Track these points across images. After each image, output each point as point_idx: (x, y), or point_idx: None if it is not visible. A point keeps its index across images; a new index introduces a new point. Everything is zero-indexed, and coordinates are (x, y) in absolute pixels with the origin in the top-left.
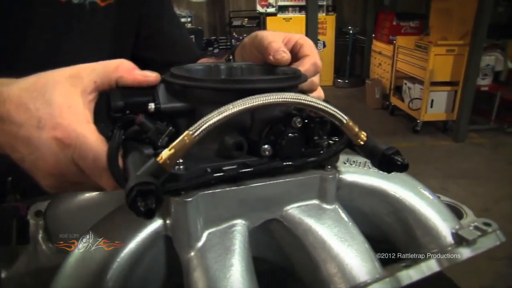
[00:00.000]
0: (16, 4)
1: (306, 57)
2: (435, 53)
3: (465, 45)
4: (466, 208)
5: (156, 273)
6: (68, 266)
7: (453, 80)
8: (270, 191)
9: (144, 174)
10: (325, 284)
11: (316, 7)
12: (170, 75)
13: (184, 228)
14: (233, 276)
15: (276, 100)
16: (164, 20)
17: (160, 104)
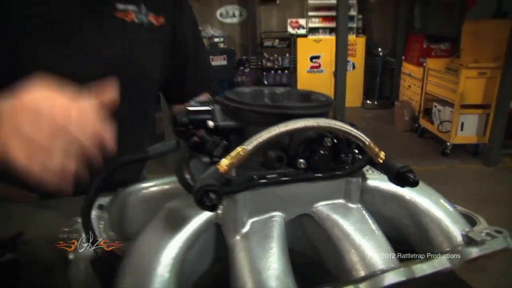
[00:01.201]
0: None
1: None
2: (466, 76)
3: (498, 68)
4: (480, 218)
5: (205, 256)
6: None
7: (485, 103)
8: (303, 191)
9: (208, 177)
10: (348, 271)
11: (346, 29)
12: (224, 98)
13: (232, 217)
14: (271, 257)
15: (311, 125)
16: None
17: (218, 122)
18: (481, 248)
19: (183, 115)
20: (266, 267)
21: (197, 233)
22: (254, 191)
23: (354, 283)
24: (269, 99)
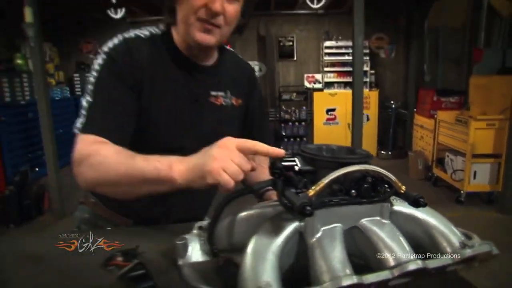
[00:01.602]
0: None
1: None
2: (475, 127)
3: (505, 120)
4: (474, 235)
5: (291, 252)
6: (250, 249)
7: (496, 152)
8: (354, 211)
9: (303, 198)
10: (383, 263)
11: (361, 84)
12: (302, 151)
13: (311, 227)
14: (335, 251)
15: (361, 169)
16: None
17: (300, 167)
18: (472, 250)
19: (279, 163)
20: (333, 256)
21: (288, 238)
22: (325, 209)
23: (390, 269)
24: (327, 152)
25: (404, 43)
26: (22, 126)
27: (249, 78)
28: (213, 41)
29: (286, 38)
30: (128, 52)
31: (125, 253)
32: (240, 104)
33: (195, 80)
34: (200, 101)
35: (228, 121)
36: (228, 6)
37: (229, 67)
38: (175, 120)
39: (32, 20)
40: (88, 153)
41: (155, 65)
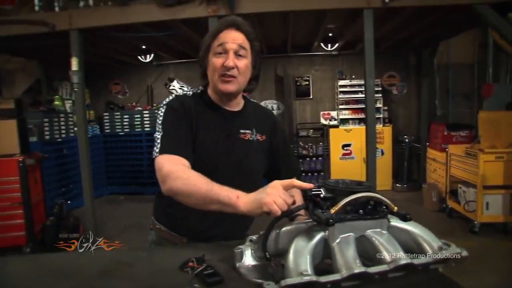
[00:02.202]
0: (228, 139)
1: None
2: (484, 160)
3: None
4: (452, 244)
5: (319, 253)
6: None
7: (507, 183)
8: (362, 224)
9: (328, 215)
10: (382, 260)
11: (373, 121)
12: (325, 184)
13: (333, 235)
14: (349, 251)
15: (365, 195)
16: (282, 154)
17: (325, 195)
18: (447, 251)
19: (310, 192)
20: (348, 255)
21: (317, 242)
22: (342, 223)
23: (387, 263)
24: (343, 185)
25: (415, 80)
26: (58, 161)
27: (271, 120)
28: (232, 88)
29: (303, 78)
30: (181, 103)
31: (196, 259)
32: (264, 140)
33: (226, 121)
34: (232, 136)
35: (254, 151)
36: (238, 62)
37: (253, 112)
38: (213, 149)
39: (77, 68)
40: (177, 169)
41: (198, 113)
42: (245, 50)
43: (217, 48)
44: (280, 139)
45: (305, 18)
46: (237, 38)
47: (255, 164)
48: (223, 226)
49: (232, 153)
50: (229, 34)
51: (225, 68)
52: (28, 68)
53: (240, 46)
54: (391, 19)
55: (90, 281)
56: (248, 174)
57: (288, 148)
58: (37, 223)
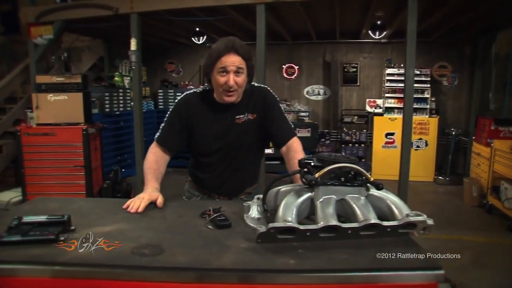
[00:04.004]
0: (225, 125)
1: None
2: None
3: None
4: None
5: (305, 209)
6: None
7: None
8: (343, 189)
9: (312, 178)
10: (358, 220)
11: (411, 111)
12: (317, 155)
13: (317, 195)
14: (330, 209)
15: (346, 165)
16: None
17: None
18: (413, 218)
19: (303, 160)
20: (328, 212)
21: (305, 200)
22: (326, 186)
23: (360, 222)
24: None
25: (469, 71)
26: (115, 132)
27: (261, 97)
28: (234, 99)
29: (351, 65)
30: (185, 103)
31: (213, 209)
32: (255, 117)
33: (224, 112)
34: (229, 122)
35: (246, 129)
36: (237, 79)
37: (248, 97)
38: (214, 134)
39: (136, 48)
40: (150, 152)
41: (203, 105)
42: (242, 68)
43: (220, 68)
44: (270, 109)
45: (350, 6)
46: (235, 61)
47: (248, 139)
48: (229, 185)
49: (229, 135)
50: (229, 58)
51: (228, 86)
52: (93, 47)
53: (238, 67)
54: (441, 7)
55: (128, 218)
56: (245, 148)
57: (279, 115)
58: (95, 185)
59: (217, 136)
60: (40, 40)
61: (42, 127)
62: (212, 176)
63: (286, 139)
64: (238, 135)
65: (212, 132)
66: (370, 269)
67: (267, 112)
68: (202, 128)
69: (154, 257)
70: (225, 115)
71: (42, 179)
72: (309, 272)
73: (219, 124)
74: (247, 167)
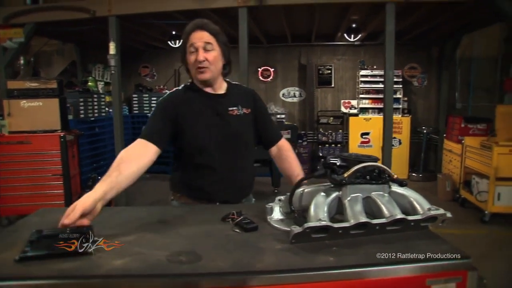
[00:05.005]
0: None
1: None
2: (498, 153)
3: None
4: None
5: (334, 207)
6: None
7: None
8: (368, 187)
9: (341, 177)
10: (384, 216)
11: (391, 111)
12: (340, 155)
13: (345, 194)
14: (357, 207)
15: (371, 164)
16: (266, 119)
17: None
18: (433, 212)
19: (329, 160)
20: (356, 209)
21: (333, 199)
22: (352, 185)
23: (386, 218)
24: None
25: (436, 72)
26: (90, 139)
27: (251, 95)
28: (207, 76)
29: (325, 67)
30: (169, 100)
31: (236, 212)
32: (250, 112)
33: (214, 102)
34: (222, 114)
35: (244, 123)
36: (207, 55)
37: (236, 92)
38: (205, 127)
39: (115, 52)
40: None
41: (188, 100)
42: (211, 44)
43: (189, 48)
44: (262, 110)
45: (330, 10)
46: (203, 37)
47: (247, 133)
48: (228, 193)
49: (225, 127)
50: (196, 35)
51: (198, 62)
52: (64, 50)
53: (205, 42)
54: (413, 12)
55: (150, 227)
56: (241, 143)
57: (269, 116)
58: (74, 194)
59: (211, 126)
60: (10, 44)
61: (16, 135)
62: (212, 179)
63: (276, 140)
64: (241, 127)
65: (204, 123)
66: (407, 261)
67: (258, 112)
68: (193, 120)
69: (194, 264)
70: (215, 106)
71: (16, 189)
72: (352, 267)
73: (211, 115)
74: (247, 164)
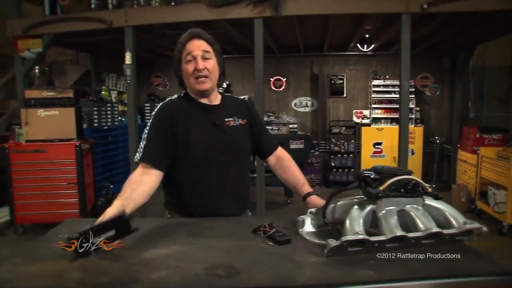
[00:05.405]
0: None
1: None
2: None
3: None
4: (475, 222)
5: (368, 220)
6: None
7: None
8: (403, 200)
9: (377, 190)
10: (419, 229)
11: (407, 122)
12: (374, 169)
13: (380, 207)
14: (393, 220)
15: (406, 177)
16: (262, 129)
17: (374, 176)
18: (469, 225)
19: (362, 173)
20: (392, 222)
21: (368, 212)
22: (387, 198)
23: (423, 231)
24: (388, 170)
25: (449, 82)
26: (103, 148)
27: (245, 106)
28: (207, 86)
29: (337, 77)
30: (164, 111)
31: (268, 225)
32: (246, 123)
33: (209, 113)
34: (218, 125)
35: (241, 134)
36: (206, 64)
37: (231, 103)
38: (202, 137)
39: (130, 62)
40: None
41: (184, 111)
42: (209, 53)
43: (186, 57)
44: (256, 120)
45: (345, 20)
46: (201, 45)
47: (243, 144)
48: (229, 207)
49: (223, 138)
50: (193, 44)
51: (198, 71)
52: (78, 60)
53: (204, 51)
54: (427, 23)
55: (182, 239)
56: (240, 154)
57: (264, 126)
58: (88, 203)
59: (208, 137)
60: (28, 54)
61: (32, 144)
62: (211, 193)
63: (273, 149)
64: (237, 138)
65: (202, 134)
66: (451, 276)
67: (253, 122)
68: (189, 131)
69: (234, 278)
70: (211, 117)
71: (32, 197)
72: (394, 281)
73: (207, 126)
74: (245, 176)
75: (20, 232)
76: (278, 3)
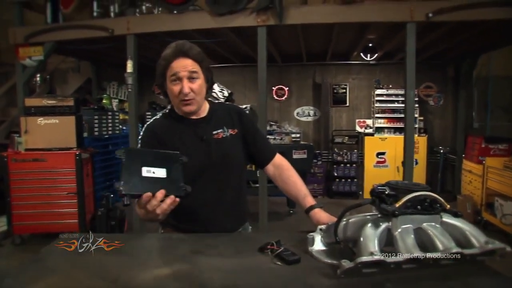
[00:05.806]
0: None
1: None
2: None
3: None
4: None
5: (383, 240)
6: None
7: None
8: (420, 218)
9: (392, 207)
10: (436, 249)
11: (412, 132)
12: (388, 184)
13: (395, 225)
14: (409, 239)
15: (423, 194)
16: (257, 137)
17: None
18: (492, 245)
19: (376, 188)
20: (409, 242)
21: (382, 231)
22: (403, 216)
23: (441, 252)
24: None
25: (452, 91)
26: (103, 157)
27: (236, 114)
28: (193, 108)
29: (340, 86)
30: (149, 133)
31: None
32: (237, 132)
33: (196, 128)
34: (206, 139)
35: (231, 145)
36: (192, 85)
37: (220, 113)
38: (192, 154)
39: (132, 70)
40: None
41: (169, 129)
42: (196, 72)
43: (171, 77)
44: (249, 127)
45: (349, 29)
46: (188, 65)
47: (235, 156)
48: (226, 222)
49: (212, 153)
50: (179, 63)
51: (183, 95)
52: (80, 68)
53: (190, 72)
54: (432, 32)
55: (185, 257)
56: (232, 167)
57: (259, 133)
58: (87, 213)
59: (196, 153)
60: (29, 62)
61: (31, 153)
62: (203, 214)
63: (270, 157)
64: (227, 151)
65: (189, 151)
66: None
67: (246, 131)
68: (177, 150)
69: None
70: (198, 132)
71: (30, 207)
72: None
73: (195, 142)
74: (240, 188)
75: (18, 243)
76: (282, 11)
